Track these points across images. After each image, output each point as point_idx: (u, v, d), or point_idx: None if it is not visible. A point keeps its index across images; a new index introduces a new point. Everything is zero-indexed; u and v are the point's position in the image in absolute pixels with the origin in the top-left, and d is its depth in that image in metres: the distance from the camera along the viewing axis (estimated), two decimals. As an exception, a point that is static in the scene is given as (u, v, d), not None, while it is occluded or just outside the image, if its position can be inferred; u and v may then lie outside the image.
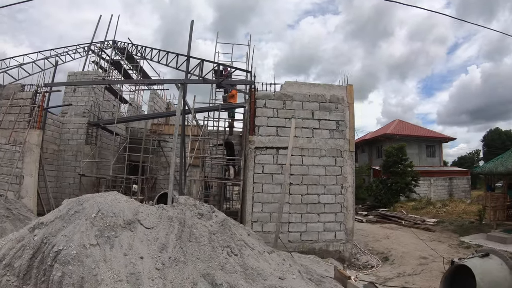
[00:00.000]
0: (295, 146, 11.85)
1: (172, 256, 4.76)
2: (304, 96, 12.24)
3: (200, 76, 13.59)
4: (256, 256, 5.46)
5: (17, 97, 15.49)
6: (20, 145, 14.46)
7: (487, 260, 6.24)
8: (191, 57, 14.29)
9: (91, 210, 5.01)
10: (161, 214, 5.66)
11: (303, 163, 11.88)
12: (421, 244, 13.03)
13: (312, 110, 12.19)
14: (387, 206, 25.55)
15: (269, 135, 11.85)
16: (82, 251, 4.24)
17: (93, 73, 21.08)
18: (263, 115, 11.97)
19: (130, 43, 22.11)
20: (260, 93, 12.13)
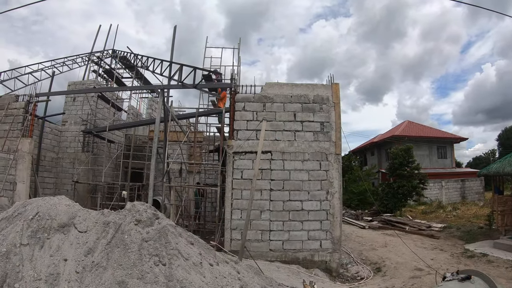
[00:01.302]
0: (276, 150, 11.36)
1: (95, 261, 4.78)
2: (286, 97, 11.70)
3: (179, 81, 13.27)
4: (188, 267, 5.12)
5: (11, 107, 15.97)
6: (14, 153, 14.73)
7: (468, 285, 5.43)
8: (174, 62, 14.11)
9: (30, 212, 5.32)
10: (98, 219, 5.66)
11: (285, 168, 11.35)
12: (420, 253, 12.25)
13: (294, 111, 11.65)
14: (393, 211, 24.63)
15: (248, 139, 11.39)
16: (12, 249, 4.61)
17: (92, 82, 21.21)
18: (242, 118, 11.54)
19: (129, 52, 22.27)
20: (239, 96, 11.71)
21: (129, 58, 22.28)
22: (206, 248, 6.43)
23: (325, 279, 10.03)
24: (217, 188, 13.60)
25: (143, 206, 6.17)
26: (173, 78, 13.87)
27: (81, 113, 20.29)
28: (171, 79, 13.96)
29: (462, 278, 5.38)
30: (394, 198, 25.13)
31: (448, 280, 5.64)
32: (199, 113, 13.75)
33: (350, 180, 31.83)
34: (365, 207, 27.91)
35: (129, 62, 22.31)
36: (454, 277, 5.63)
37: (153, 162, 12.05)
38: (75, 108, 20.70)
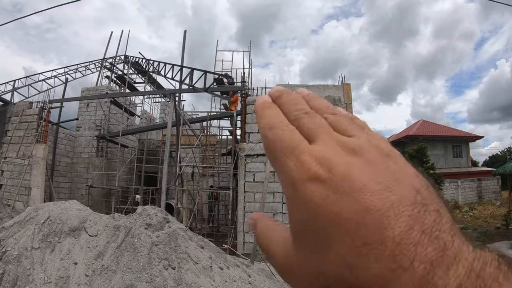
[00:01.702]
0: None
1: (105, 264, 4.84)
2: (297, 99, 11.64)
3: (190, 85, 13.32)
4: (197, 271, 5.18)
5: (26, 113, 16.28)
6: (28, 158, 15.00)
7: None
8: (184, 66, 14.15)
9: (42, 217, 5.40)
10: (108, 223, 5.71)
11: (297, 170, 11.29)
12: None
13: (306, 113, 11.58)
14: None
15: (260, 141, 11.35)
16: (23, 252, 4.71)
17: (105, 88, 21.43)
18: (253, 121, 11.50)
19: (141, 58, 22.48)
20: (250, 99, 11.69)
21: (141, 63, 22.48)
22: (217, 252, 6.43)
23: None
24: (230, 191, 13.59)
25: (154, 210, 6.21)
26: (184, 82, 13.93)
27: (94, 118, 20.52)
28: (182, 83, 14.00)
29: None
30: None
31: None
32: (211, 116, 13.80)
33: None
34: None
35: (141, 67, 22.50)
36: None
37: (165, 166, 12.11)
38: (88, 114, 20.98)
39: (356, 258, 0.28)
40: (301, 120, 0.36)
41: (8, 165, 15.60)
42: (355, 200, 0.28)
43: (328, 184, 0.30)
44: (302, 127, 0.35)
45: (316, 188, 0.30)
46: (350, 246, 0.28)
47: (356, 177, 0.30)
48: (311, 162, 0.31)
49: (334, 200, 0.29)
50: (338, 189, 0.29)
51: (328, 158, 0.31)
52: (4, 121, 16.66)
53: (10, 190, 15.17)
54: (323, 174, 0.30)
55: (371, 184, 0.29)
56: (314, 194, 0.30)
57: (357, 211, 0.28)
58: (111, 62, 23.67)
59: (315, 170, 0.31)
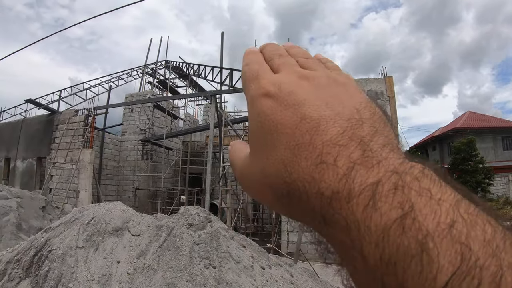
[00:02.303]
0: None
1: (146, 263, 4.92)
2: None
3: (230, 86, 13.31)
4: (238, 271, 5.11)
5: (72, 121, 16.89)
6: (76, 163, 15.61)
7: None
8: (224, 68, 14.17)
9: (87, 217, 5.60)
10: (151, 223, 5.82)
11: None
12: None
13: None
14: (456, 208, 23.24)
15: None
16: (68, 251, 4.88)
17: (147, 93, 21.94)
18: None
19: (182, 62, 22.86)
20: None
21: (181, 67, 22.83)
22: (259, 251, 6.34)
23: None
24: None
25: (196, 210, 6.22)
26: (224, 83, 13.95)
27: (139, 123, 21.06)
28: (223, 84, 14.03)
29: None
30: (457, 196, 23.69)
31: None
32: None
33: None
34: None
35: (182, 71, 22.91)
36: None
37: (208, 167, 12.17)
38: (133, 119, 21.59)
39: (290, 156, 0.32)
40: (273, 60, 0.43)
41: (57, 170, 16.23)
42: (295, 111, 0.34)
43: (276, 98, 0.36)
44: (273, 64, 0.42)
45: (266, 102, 0.36)
46: (286, 147, 0.33)
47: (300, 94, 0.36)
48: (266, 83, 0.38)
49: (279, 111, 0.35)
50: (283, 103, 0.35)
51: (281, 80, 0.38)
52: (51, 129, 17.39)
53: (59, 194, 15.78)
54: (273, 91, 0.37)
55: (312, 100, 0.35)
56: (264, 106, 0.36)
57: (295, 119, 0.34)
58: (152, 68, 24.21)
59: (268, 88, 0.37)
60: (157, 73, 23.92)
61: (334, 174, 0.29)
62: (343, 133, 0.31)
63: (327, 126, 0.32)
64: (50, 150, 17.14)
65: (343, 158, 0.30)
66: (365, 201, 0.28)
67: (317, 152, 0.31)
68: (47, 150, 17.38)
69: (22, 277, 4.88)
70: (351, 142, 0.31)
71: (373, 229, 0.27)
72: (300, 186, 0.31)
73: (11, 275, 4.94)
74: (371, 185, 0.28)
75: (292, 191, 0.32)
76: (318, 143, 0.31)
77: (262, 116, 0.36)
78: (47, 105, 18.83)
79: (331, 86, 0.37)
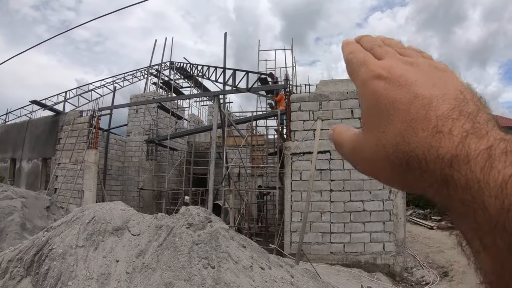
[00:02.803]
0: (335, 150, 10.88)
1: (145, 262, 4.91)
2: (342, 94, 11.29)
3: (233, 86, 13.31)
4: (237, 271, 5.07)
5: (77, 122, 17.02)
6: (80, 164, 15.74)
7: None
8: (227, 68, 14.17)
9: (87, 217, 5.62)
10: (151, 223, 5.79)
11: (345, 168, 10.91)
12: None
13: (351, 108, 11.19)
14: (466, 209, 23.10)
15: (305, 139, 11.13)
16: (68, 250, 4.92)
17: (152, 94, 22.02)
18: (298, 118, 11.31)
19: (186, 62, 22.94)
20: (294, 96, 11.48)
21: (186, 68, 22.89)
22: (259, 252, 6.30)
23: (387, 284, 9.48)
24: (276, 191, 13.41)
25: (196, 210, 6.20)
26: (227, 84, 13.95)
27: (143, 123, 21.14)
28: (226, 85, 14.03)
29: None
30: (466, 195, 23.57)
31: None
32: (255, 117, 13.70)
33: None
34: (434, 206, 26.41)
35: (186, 72, 22.96)
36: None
37: (211, 167, 12.16)
38: (138, 120, 21.67)
39: (407, 129, 0.37)
40: (374, 49, 0.48)
41: (61, 171, 16.33)
42: (408, 90, 0.40)
43: (388, 80, 0.41)
44: (375, 53, 0.47)
45: (379, 83, 0.42)
46: (402, 121, 0.38)
47: (409, 76, 0.41)
48: (376, 67, 0.43)
49: (392, 90, 0.40)
50: (395, 83, 0.41)
51: (389, 65, 0.43)
52: (57, 130, 17.47)
53: (64, 194, 15.93)
54: (384, 73, 0.42)
55: (421, 81, 0.40)
56: (378, 87, 0.41)
57: (409, 97, 0.39)
58: (157, 69, 24.25)
59: (379, 72, 0.42)
60: (162, 74, 23.98)
61: (451, 141, 0.35)
62: (453, 109, 0.37)
63: (438, 103, 0.37)
64: (55, 150, 17.20)
65: (457, 129, 0.35)
66: (482, 162, 0.32)
67: (433, 124, 0.36)
68: (52, 150, 17.46)
69: (23, 276, 4.91)
70: (461, 116, 0.36)
71: (492, 185, 0.31)
72: (419, 153, 0.36)
73: (12, 274, 4.97)
74: (484, 149, 0.33)
75: (411, 159, 0.37)
76: (433, 117, 0.36)
77: (377, 95, 0.41)
78: (52, 106, 18.92)
79: (434, 71, 0.42)
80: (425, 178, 0.36)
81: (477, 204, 0.32)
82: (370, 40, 0.50)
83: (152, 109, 20.70)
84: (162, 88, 23.65)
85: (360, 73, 0.45)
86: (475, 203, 0.32)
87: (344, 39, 0.53)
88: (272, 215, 17.62)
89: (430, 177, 0.35)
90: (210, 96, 17.34)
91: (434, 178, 0.35)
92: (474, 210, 0.32)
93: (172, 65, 24.31)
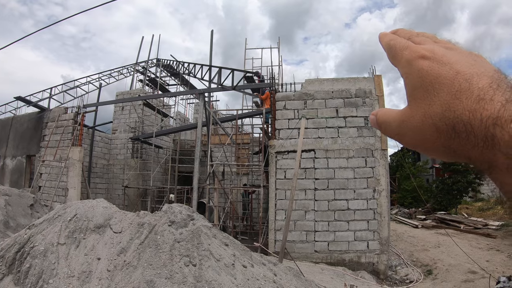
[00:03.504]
0: (319, 148, 11.04)
1: (127, 260, 4.89)
2: (327, 93, 11.35)
3: (219, 84, 13.29)
4: (219, 269, 5.07)
5: (61, 118, 16.84)
6: (65, 161, 15.52)
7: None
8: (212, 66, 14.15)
9: (69, 214, 5.60)
10: (133, 220, 5.76)
11: (329, 166, 10.99)
12: (475, 254, 11.45)
13: (336, 107, 11.26)
14: (448, 208, 23.33)
15: (290, 138, 11.17)
16: (49, 248, 4.90)
17: (138, 91, 21.90)
18: (283, 117, 11.34)
19: (173, 60, 22.83)
20: (279, 95, 11.51)
21: (173, 65, 22.80)
22: (242, 250, 6.31)
23: (371, 282, 9.57)
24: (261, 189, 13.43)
25: (179, 208, 6.19)
26: (213, 82, 13.94)
27: (129, 121, 20.97)
28: (212, 82, 14.01)
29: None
30: (448, 195, 23.67)
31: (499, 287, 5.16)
32: (240, 115, 13.69)
33: (402, 177, 30.78)
34: (419, 205, 26.66)
35: (173, 69, 22.86)
36: (505, 284, 5.13)
37: (196, 165, 12.15)
38: (123, 117, 21.50)
39: (453, 99, 0.44)
40: (413, 37, 0.54)
41: (46, 168, 16.15)
42: (451, 67, 0.46)
43: (432, 59, 0.47)
44: (414, 40, 0.53)
45: (424, 62, 0.48)
46: (448, 92, 0.44)
47: (451, 56, 0.47)
48: (420, 49, 0.49)
49: (437, 68, 0.46)
50: (439, 62, 0.47)
51: (431, 47, 0.49)
52: (41, 127, 17.28)
53: (48, 192, 15.75)
54: (428, 54, 0.48)
55: (462, 60, 0.46)
56: (423, 65, 0.47)
57: (453, 73, 0.45)
58: (144, 66, 24.12)
59: (423, 52, 0.48)
60: (148, 71, 23.85)
61: (493, 106, 0.41)
62: (491, 83, 0.43)
63: (478, 78, 0.44)
64: (40, 148, 17.01)
65: (497, 97, 0.41)
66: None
67: (476, 94, 0.42)
68: (36, 148, 17.25)
69: (5, 274, 4.87)
70: (500, 88, 0.42)
71: None
72: (464, 118, 0.42)
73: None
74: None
75: (458, 123, 0.43)
76: (475, 88, 0.43)
77: (423, 72, 0.47)
78: (37, 103, 18.66)
79: (470, 55, 0.48)
80: (470, 139, 0.42)
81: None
82: (406, 31, 0.57)
83: (138, 106, 20.56)
84: (148, 86, 23.53)
85: (404, 55, 0.51)
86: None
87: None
88: (257, 214, 17.65)
89: (475, 138, 0.42)
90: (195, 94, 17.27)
91: (479, 138, 0.41)
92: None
93: (158, 62, 24.20)
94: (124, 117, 21.45)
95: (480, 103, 0.41)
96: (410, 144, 0.51)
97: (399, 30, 0.58)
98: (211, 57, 14.12)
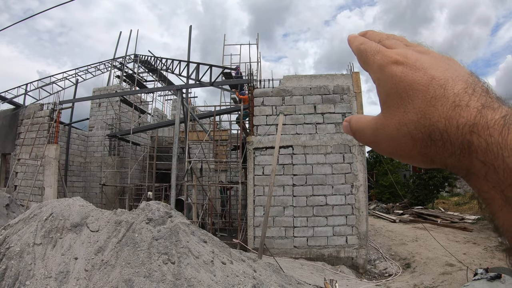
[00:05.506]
0: (297, 144, 11.09)
1: (104, 259, 4.86)
2: (305, 89, 11.40)
3: (197, 80, 13.22)
4: (198, 266, 5.05)
5: (37, 115, 16.50)
6: (41, 159, 15.20)
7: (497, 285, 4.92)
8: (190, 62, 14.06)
9: (45, 214, 5.52)
10: (110, 219, 5.74)
11: (307, 162, 11.06)
12: (452, 247, 11.71)
13: (314, 103, 11.32)
14: (425, 203, 23.82)
15: (268, 134, 11.19)
16: (25, 248, 4.84)
17: (115, 87, 21.58)
18: (261, 113, 11.34)
19: (151, 56, 22.58)
20: (257, 91, 11.50)
21: (150, 61, 22.56)
22: (221, 246, 6.31)
23: (350, 276, 9.70)
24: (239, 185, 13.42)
25: (156, 205, 6.15)
26: (191, 77, 13.85)
27: (106, 118, 20.70)
28: (190, 78, 13.92)
29: (492, 277, 4.84)
30: (425, 190, 24.23)
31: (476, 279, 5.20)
32: (218, 111, 13.65)
33: (380, 173, 31.23)
34: (397, 200, 27.13)
35: (151, 65, 22.62)
36: (483, 276, 5.18)
37: (174, 162, 12.05)
38: (100, 114, 21.21)
39: (428, 106, 0.42)
40: (383, 41, 0.53)
41: (21, 167, 15.85)
42: (425, 72, 0.44)
43: (405, 64, 0.46)
44: (384, 44, 0.52)
45: (397, 67, 0.46)
46: (422, 99, 0.43)
47: (424, 61, 0.46)
48: (393, 54, 0.48)
49: (410, 74, 0.45)
50: (412, 67, 0.45)
51: (404, 52, 0.48)
52: (16, 124, 16.91)
53: (24, 191, 15.48)
54: (401, 59, 0.47)
55: (436, 65, 0.45)
56: (396, 71, 0.46)
57: (427, 79, 0.44)
58: (121, 61, 23.81)
59: (396, 57, 0.47)
60: (126, 67, 23.55)
61: (470, 112, 0.40)
62: (466, 88, 0.42)
63: (453, 83, 0.43)
64: (15, 146, 16.64)
65: (473, 102, 0.41)
66: (499, 127, 0.38)
67: (451, 100, 0.41)
68: (12, 146, 16.88)
69: (-20, 276, 4.77)
70: (475, 93, 0.42)
71: (510, 146, 0.37)
72: (440, 126, 0.41)
73: (-31, 274, 4.84)
74: (500, 118, 0.39)
75: (433, 131, 0.42)
76: (450, 94, 0.42)
77: (396, 79, 0.46)
78: (12, 99, 18.22)
79: (444, 59, 0.47)
80: (447, 147, 0.41)
81: (498, 162, 0.38)
82: (376, 34, 0.56)
83: (115, 103, 20.25)
84: (126, 82, 23.22)
85: (376, 60, 0.49)
86: (496, 162, 0.38)
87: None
88: (236, 210, 17.67)
89: (451, 146, 0.41)
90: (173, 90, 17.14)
91: (456, 146, 0.41)
92: (495, 168, 0.38)
93: (136, 58, 23.92)
94: (101, 114, 21.15)
95: (456, 110, 0.41)
96: (386, 152, 0.50)
97: (368, 32, 0.57)
98: (189, 52, 14.06)
